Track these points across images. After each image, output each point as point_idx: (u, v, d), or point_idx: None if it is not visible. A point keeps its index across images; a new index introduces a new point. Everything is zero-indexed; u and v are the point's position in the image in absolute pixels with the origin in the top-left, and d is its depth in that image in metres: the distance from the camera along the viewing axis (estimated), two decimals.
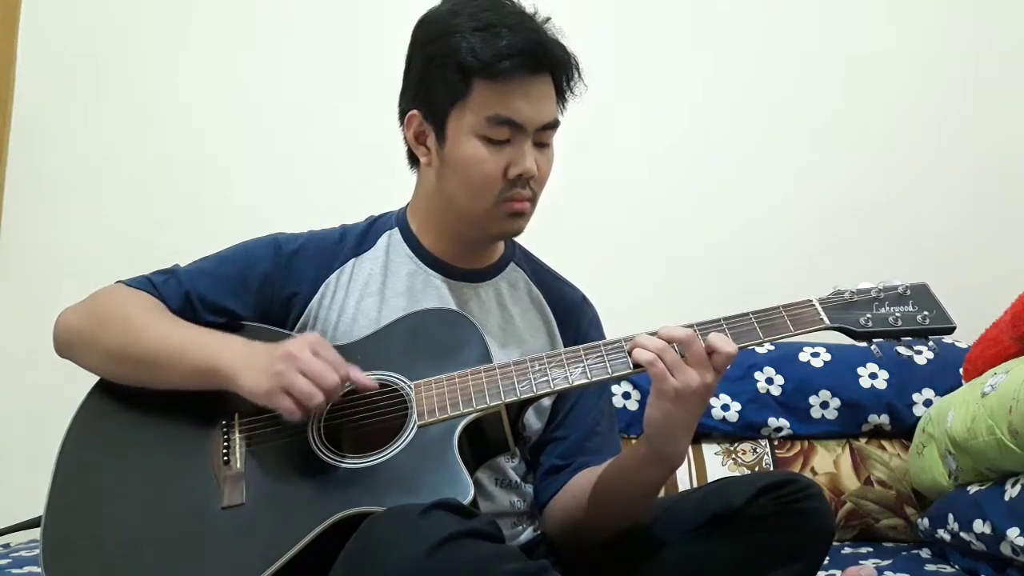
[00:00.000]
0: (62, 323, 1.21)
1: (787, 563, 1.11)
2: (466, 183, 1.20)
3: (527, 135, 1.19)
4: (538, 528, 1.31)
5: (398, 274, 1.28)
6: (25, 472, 1.33)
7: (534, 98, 1.18)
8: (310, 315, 1.25)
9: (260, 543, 1.00)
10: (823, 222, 2.15)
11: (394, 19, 2.13)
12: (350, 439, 1.10)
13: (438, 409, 1.09)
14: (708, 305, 1.21)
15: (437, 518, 0.90)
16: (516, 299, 1.32)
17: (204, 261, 1.27)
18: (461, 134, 1.18)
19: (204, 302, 1.21)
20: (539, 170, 1.20)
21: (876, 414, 1.80)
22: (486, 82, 1.16)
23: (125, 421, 1.15)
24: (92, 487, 1.10)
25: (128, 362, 1.15)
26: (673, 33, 2.22)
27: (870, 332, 1.09)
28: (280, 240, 1.28)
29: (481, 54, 1.14)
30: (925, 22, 2.21)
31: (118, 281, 1.24)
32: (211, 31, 2.22)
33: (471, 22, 1.16)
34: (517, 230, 1.25)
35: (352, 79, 2.18)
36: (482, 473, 1.21)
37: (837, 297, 1.12)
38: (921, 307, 1.10)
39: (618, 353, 1.10)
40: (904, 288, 1.11)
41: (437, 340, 1.18)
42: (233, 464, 1.09)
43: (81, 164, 2.18)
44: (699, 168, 2.19)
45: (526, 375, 1.10)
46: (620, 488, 1.15)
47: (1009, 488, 1.37)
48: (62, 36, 2.22)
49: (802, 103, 2.19)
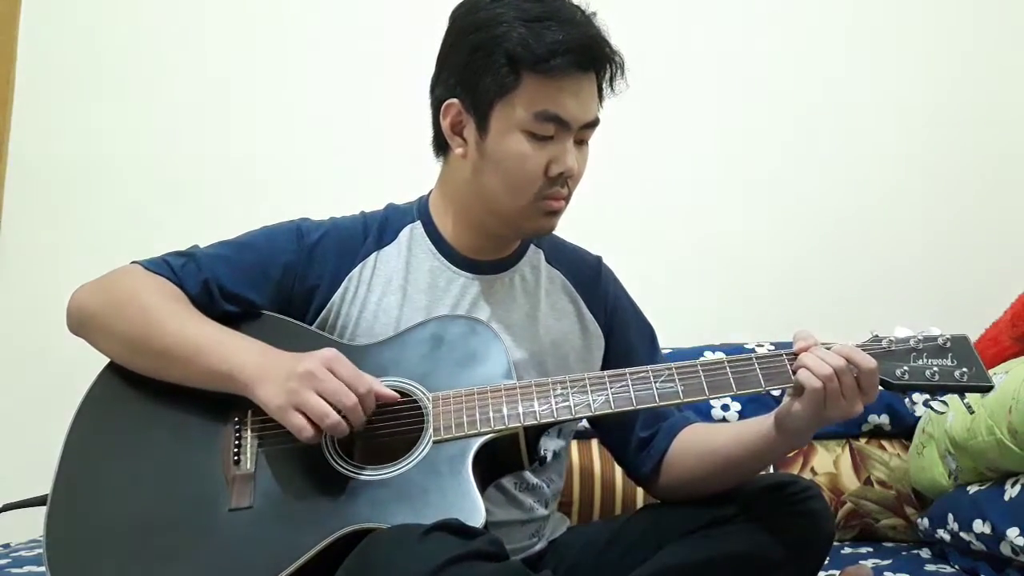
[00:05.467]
0: (77, 302, 1.18)
1: (787, 564, 1.10)
2: (506, 178, 1.17)
3: (571, 133, 1.16)
4: (552, 534, 1.31)
5: (420, 270, 1.25)
6: (25, 472, 1.33)
7: (582, 96, 1.16)
8: (331, 310, 1.22)
9: (265, 552, 0.99)
10: (823, 222, 2.15)
11: (392, 17, 2.17)
12: (363, 447, 1.09)
13: (455, 426, 1.07)
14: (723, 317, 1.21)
15: (437, 541, 0.89)
16: (539, 282, 1.30)
17: (224, 246, 1.23)
18: (505, 127, 1.15)
19: (223, 291, 1.18)
20: (578, 169, 1.19)
21: (876, 414, 1.80)
22: (537, 76, 1.13)
23: (135, 409, 1.13)
24: (97, 479, 1.08)
25: (142, 352, 1.13)
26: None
27: (906, 385, 1.07)
28: (303, 229, 1.25)
29: (535, 47, 1.11)
30: (925, 25, 2.21)
31: (134, 261, 1.21)
32: (211, 29, 2.22)
33: (519, 12, 1.13)
34: (550, 228, 1.23)
35: (352, 77, 2.18)
36: (505, 478, 1.20)
37: (875, 344, 1.10)
38: (960, 363, 1.07)
39: (644, 384, 1.08)
40: (944, 340, 1.08)
41: (458, 349, 1.15)
42: (243, 464, 1.07)
43: (81, 163, 2.18)
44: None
45: (547, 397, 1.08)
46: (744, 460, 1.18)
47: (1009, 488, 1.37)
48: (62, 34, 2.22)
49: (801, 103, 2.20)
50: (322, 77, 2.20)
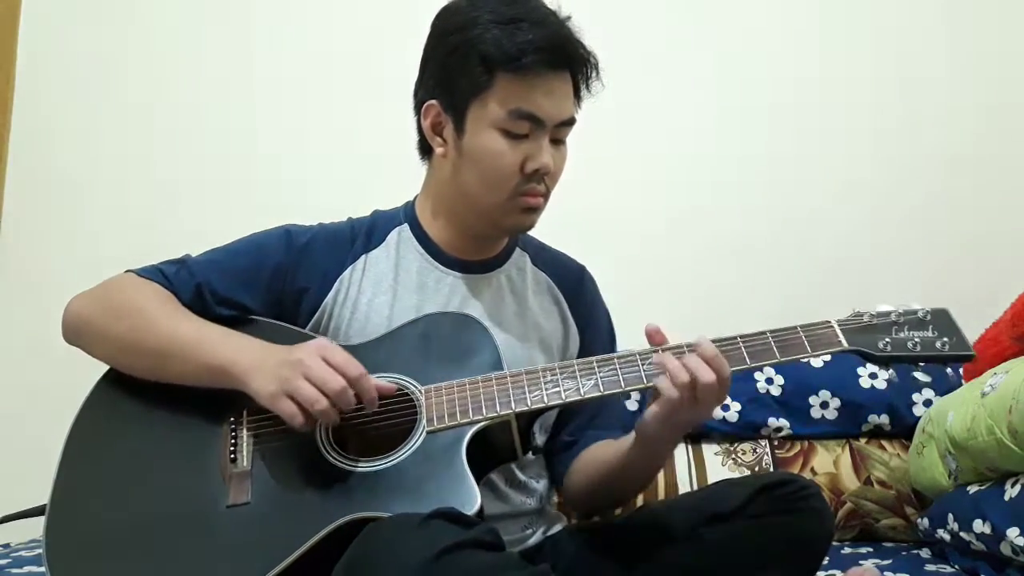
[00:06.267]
0: (72, 311, 1.21)
1: (786, 562, 1.11)
2: (483, 175, 1.21)
3: (546, 131, 1.20)
4: (548, 530, 1.31)
5: (408, 270, 1.28)
6: (25, 472, 1.33)
7: (555, 94, 1.19)
8: (324, 312, 1.25)
9: (264, 544, 1.00)
10: (822, 222, 2.15)
11: (389, 15, 2.17)
12: (357, 441, 1.10)
13: (447, 416, 1.08)
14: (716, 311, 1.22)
15: (437, 528, 0.90)
16: (525, 283, 1.34)
17: (215, 252, 1.26)
18: (481, 126, 1.19)
19: (216, 295, 1.21)
20: (554, 166, 1.21)
21: (876, 414, 1.80)
22: (509, 75, 1.17)
23: (131, 415, 1.15)
24: (97, 481, 1.09)
25: (138, 354, 1.15)
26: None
27: (888, 356, 1.09)
28: (292, 232, 1.28)
29: (506, 46, 1.15)
30: (924, 31, 2.22)
31: (128, 270, 1.23)
32: (211, 30, 2.22)
33: (494, 15, 1.17)
34: (529, 225, 1.26)
35: (350, 76, 2.18)
36: (494, 475, 1.22)
37: (856, 319, 1.12)
38: (940, 333, 1.09)
39: (631, 367, 1.10)
40: (924, 313, 1.11)
41: (449, 344, 1.17)
42: (240, 462, 1.09)
43: (81, 164, 2.18)
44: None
45: (538, 385, 1.10)
46: (619, 469, 1.21)
47: (1009, 488, 1.37)
48: (62, 34, 2.22)
49: (797, 104, 2.20)
50: (322, 77, 2.20)
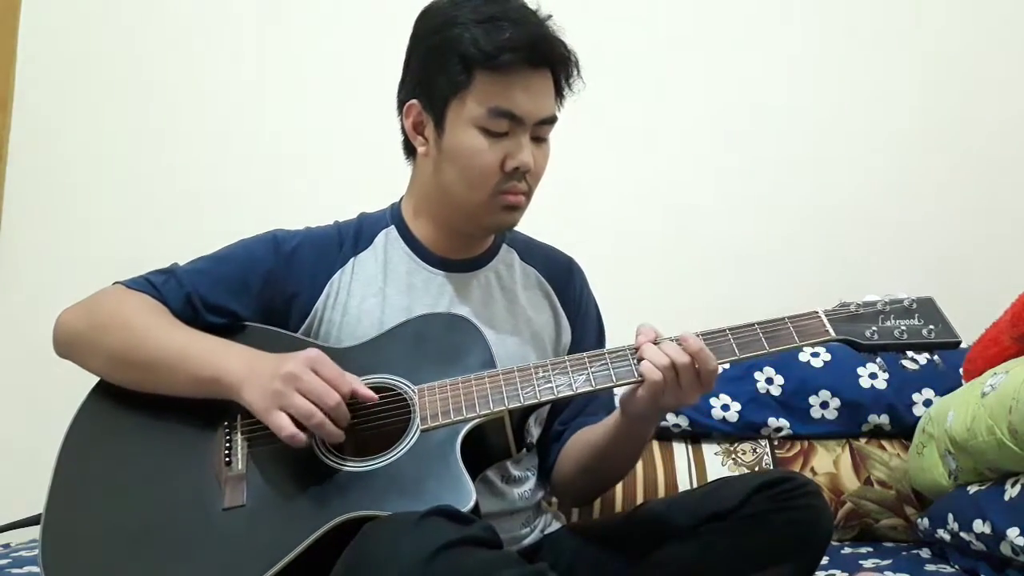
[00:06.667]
0: (61, 324, 1.21)
1: (784, 560, 1.11)
2: (463, 173, 1.21)
3: (525, 129, 1.20)
4: (546, 528, 1.32)
5: (397, 272, 1.28)
6: (25, 472, 1.33)
7: (534, 92, 1.19)
8: (315, 316, 1.25)
9: (261, 545, 1.00)
10: (823, 222, 2.15)
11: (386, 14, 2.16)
12: (352, 442, 1.10)
13: (441, 414, 1.09)
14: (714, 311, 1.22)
15: (434, 525, 0.90)
16: (514, 279, 1.34)
17: (203, 261, 1.26)
18: (460, 124, 1.19)
19: (205, 303, 1.21)
20: (535, 164, 1.22)
21: (876, 414, 1.80)
22: (488, 73, 1.17)
23: (126, 421, 1.15)
24: (92, 486, 1.10)
25: (129, 366, 1.15)
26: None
27: (875, 345, 1.10)
28: (279, 238, 1.28)
29: (484, 45, 1.15)
30: (923, 31, 2.21)
31: (116, 282, 1.23)
32: (211, 30, 2.22)
33: (473, 14, 1.18)
34: (511, 223, 1.27)
35: (348, 76, 2.18)
36: (491, 472, 1.23)
37: (843, 309, 1.13)
38: (927, 321, 1.10)
39: (623, 361, 1.11)
40: (910, 302, 1.12)
41: (441, 344, 1.18)
42: (235, 465, 1.09)
43: (81, 164, 2.18)
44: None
45: (530, 381, 1.11)
46: (606, 447, 1.24)
47: (1009, 488, 1.37)
48: (62, 34, 2.22)
49: (798, 104, 2.19)
50: (322, 78, 2.20)
